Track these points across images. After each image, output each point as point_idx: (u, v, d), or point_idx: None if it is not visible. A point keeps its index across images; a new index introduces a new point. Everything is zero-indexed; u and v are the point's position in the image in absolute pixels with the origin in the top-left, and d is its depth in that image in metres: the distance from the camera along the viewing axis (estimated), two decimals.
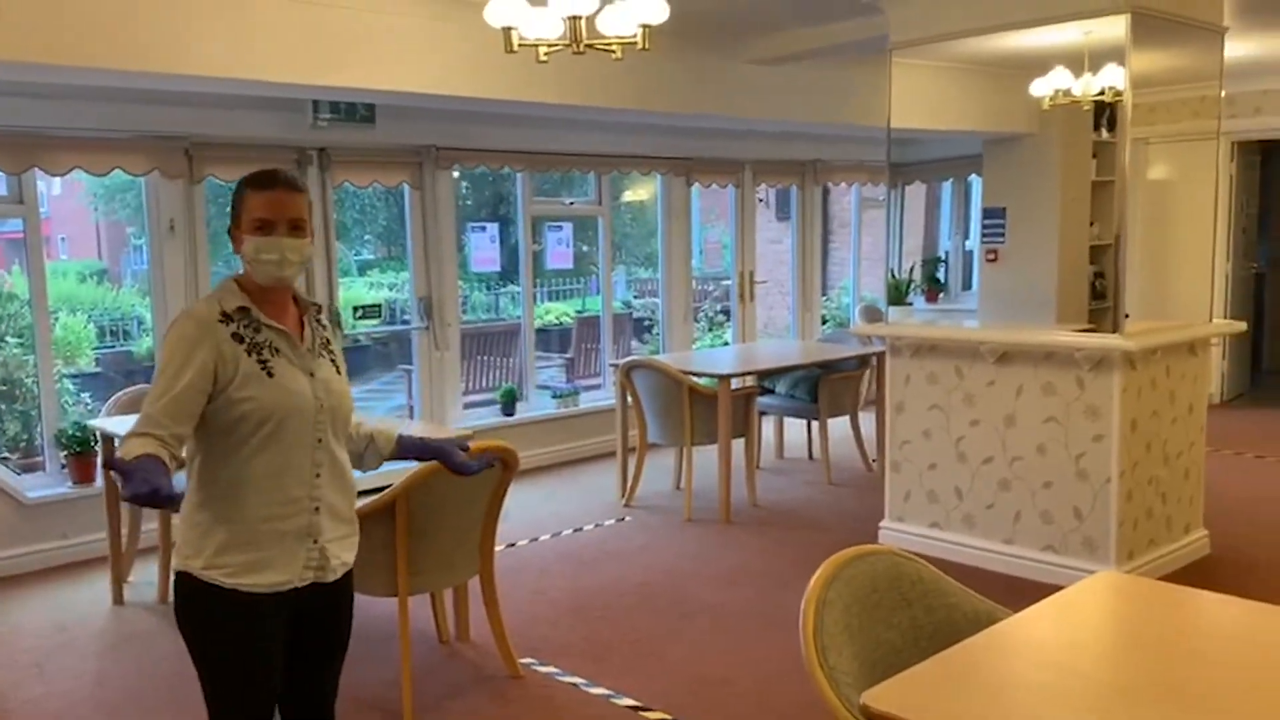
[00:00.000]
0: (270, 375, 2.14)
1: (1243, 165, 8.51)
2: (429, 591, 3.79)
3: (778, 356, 6.73)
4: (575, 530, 5.48)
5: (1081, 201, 7.47)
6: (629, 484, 5.97)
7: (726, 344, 8.98)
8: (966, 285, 9.44)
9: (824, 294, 9.83)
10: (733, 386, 5.68)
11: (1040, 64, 5.47)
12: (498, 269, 8.47)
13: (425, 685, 3.61)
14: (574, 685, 3.62)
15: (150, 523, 4.76)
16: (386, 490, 3.24)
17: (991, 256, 7.77)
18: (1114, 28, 4.27)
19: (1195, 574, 4.58)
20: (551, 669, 3.75)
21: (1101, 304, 7.52)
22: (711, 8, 5.09)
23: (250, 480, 2.13)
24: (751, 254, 8.30)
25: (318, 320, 2.33)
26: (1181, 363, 4.65)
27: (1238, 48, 6.27)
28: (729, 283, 8.52)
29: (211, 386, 2.09)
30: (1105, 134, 7.41)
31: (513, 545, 5.19)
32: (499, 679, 3.68)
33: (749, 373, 6.12)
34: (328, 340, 2.32)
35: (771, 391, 6.70)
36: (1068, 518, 4.45)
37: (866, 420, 6.84)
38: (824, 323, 9.42)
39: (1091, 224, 7.58)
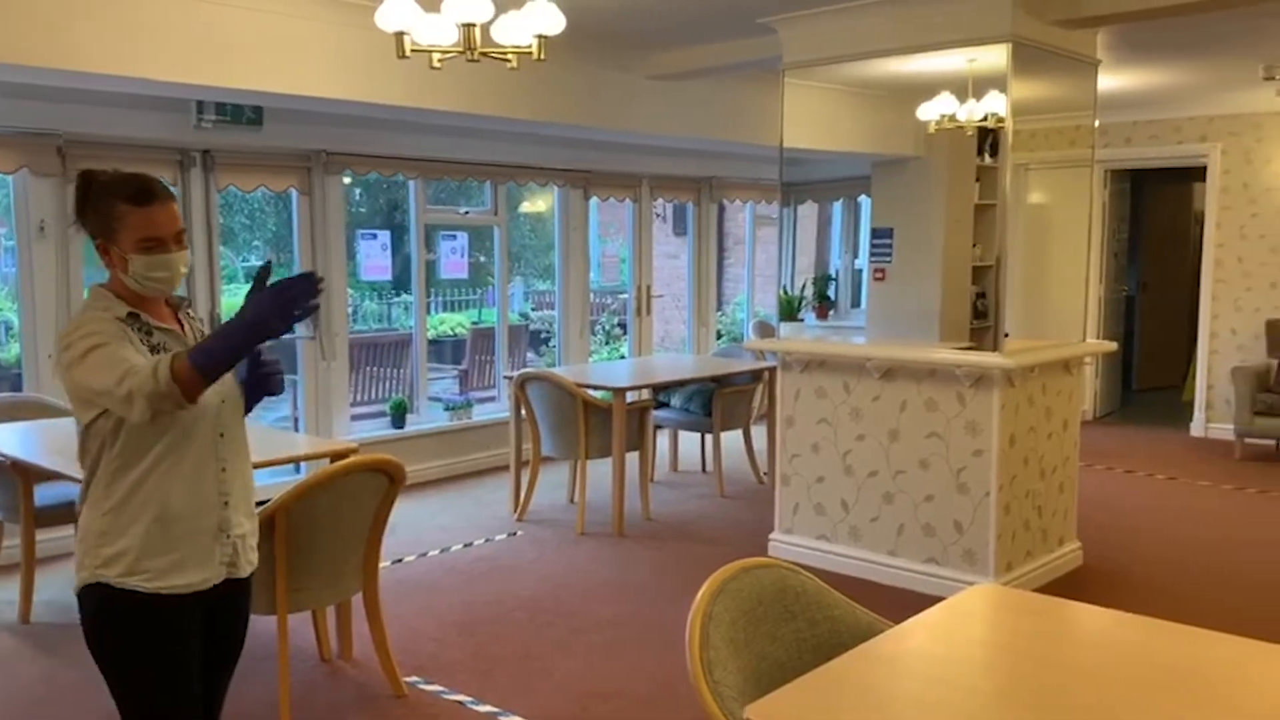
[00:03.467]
0: None
1: (1115, 192, 8.92)
2: (310, 609, 3.67)
3: (673, 370, 6.77)
4: (465, 545, 5.40)
5: (965, 223, 7.73)
6: (522, 498, 5.92)
7: (623, 357, 9.00)
8: (856, 303, 9.66)
9: (719, 309, 9.93)
10: (628, 399, 5.69)
11: (927, 89, 5.64)
12: (389, 278, 8.30)
13: (305, 706, 3.50)
14: (460, 703, 3.55)
15: (11, 539, 4.51)
16: (266, 504, 3.14)
17: (879, 275, 7.96)
18: (996, 56, 4.43)
19: (1069, 585, 4.75)
20: (437, 687, 3.67)
21: (983, 323, 7.78)
22: (609, 22, 5.11)
23: (165, 481, 2.10)
24: (649, 268, 8.34)
25: (189, 314, 2.30)
26: (1057, 380, 4.83)
27: (1111, 80, 6.59)
28: (626, 296, 8.54)
29: None
30: (988, 159, 7.68)
31: (400, 561, 5.08)
32: (382, 698, 3.59)
33: (644, 386, 6.14)
34: (203, 333, 2.28)
35: (667, 405, 6.73)
36: (949, 530, 4.57)
37: (759, 434, 6.92)
38: (719, 337, 9.52)
39: (974, 245, 7.84)
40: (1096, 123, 5.54)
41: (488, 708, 3.52)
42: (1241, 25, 5.28)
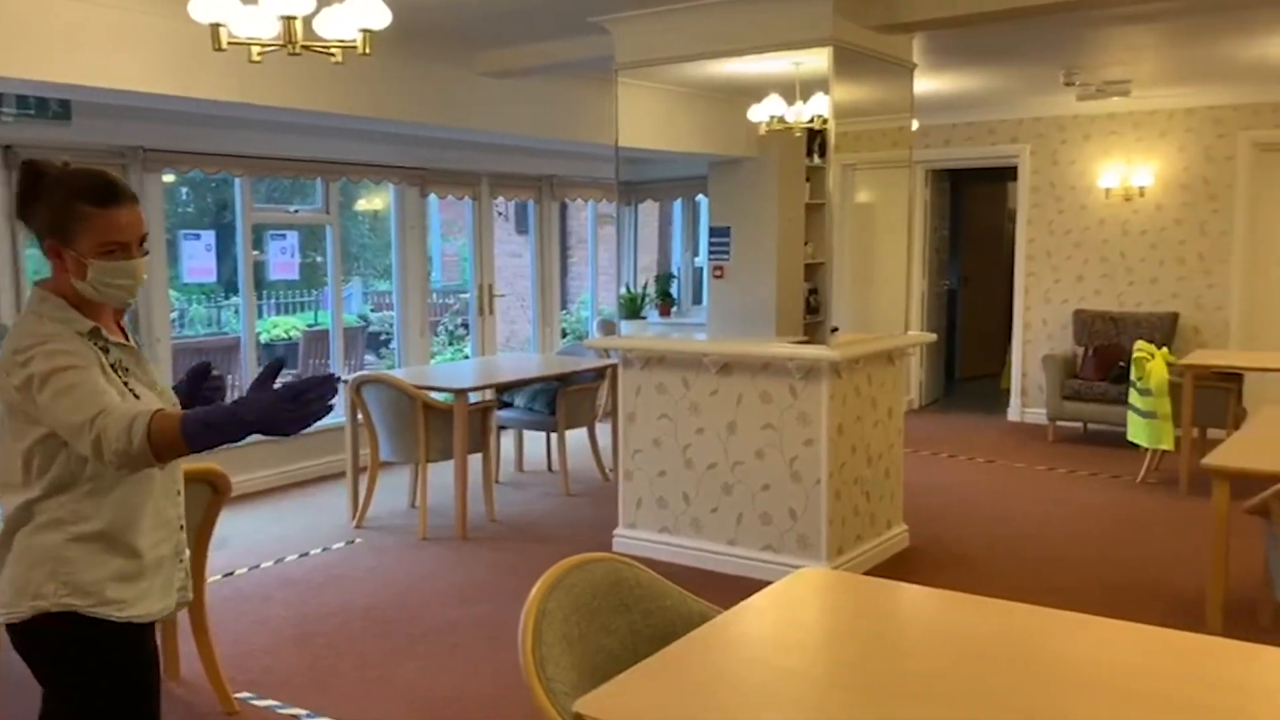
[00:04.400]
0: (136, 396, 1.98)
1: (936, 191, 9.38)
2: None
3: (516, 370, 6.73)
4: (301, 555, 5.23)
5: (797, 222, 7.99)
6: (360, 504, 5.77)
7: (467, 357, 8.88)
8: (697, 300, 9.84)
9: (564, 307, 9.95)
10: (471, 400, 5.63)
11: (757, 91, 5.80)
12: (214, 279, 7.96)
13: None
14: (295, 717, 3.44)
15: None
16: None
17: (718, 273, 8.14)
18: (819, 60, 4.59)
19: (897, 565, 4.98)
20: (271, 701, 3.55)
21: (815, 318, 8.06)
22: (438, 18, 5.04)
23: (138, 507, 2.01)
24: (490, 267, 8.27)
25: (129, 325, 2.16)
26: (881, 371, 5.05)
27: (929, 84, 6.93)
28: (468, 295, 8.45)
29: None
30: (817, 159, 7.96)
31: (231, 574, 4.87)
32: (213, 716, 3.44)
33: (487, 386, 6.08)
34: (139, 345, 2.14)
35: (510, 405, 6.69)
36: (784, 518, 4.72)
37: (604, 432, 6.96)
38: (564, 336, 9.53)
39: (806, 244, 8.11)
40: (915, 124, 5.81)
41: None
42: (1043, 35, 5.64)
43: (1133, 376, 6.47)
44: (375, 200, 11.29)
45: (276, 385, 1.86)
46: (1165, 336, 7.68)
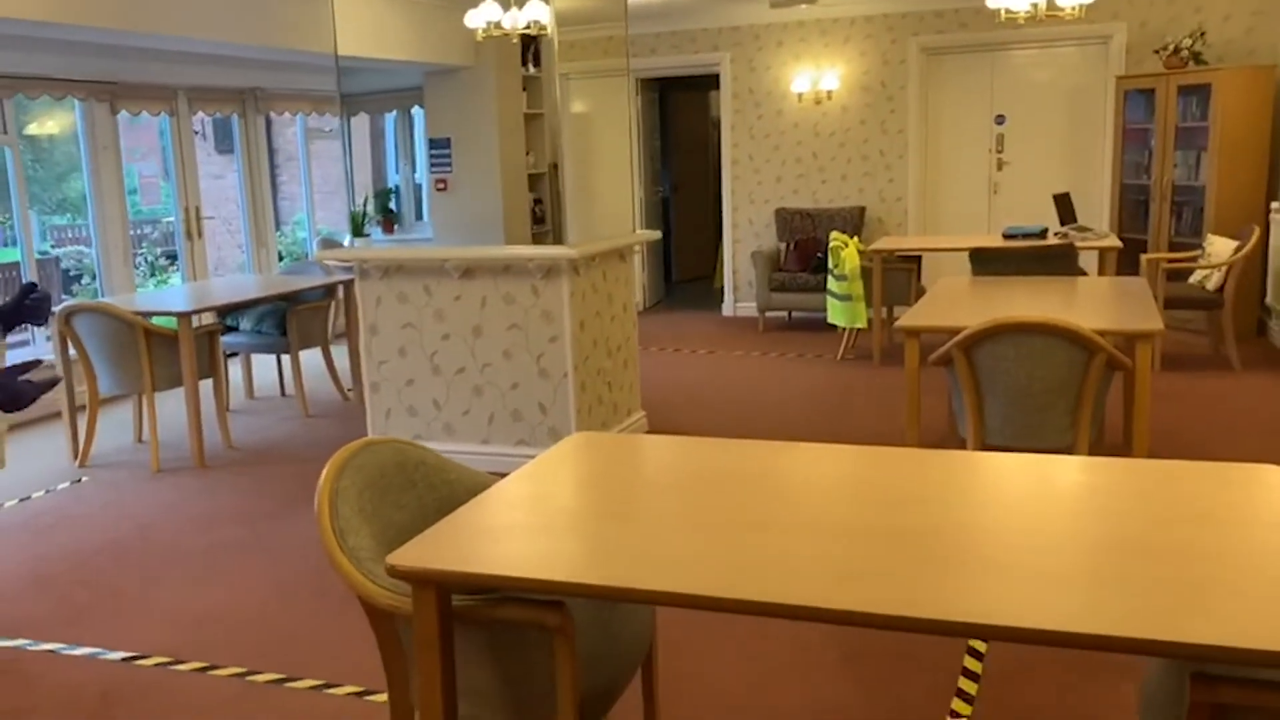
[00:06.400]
0: None
1: (646, 101, 9.74)
2: None
3: (238, 291, 6.45)
4: (22, 500, 4.87)
5: (517, 133, 8.06)
6: (82, 443, 5.41)
7: (175, 286, 8.35)
8: (419, 215, 9.72)
9: (277, 229, 9.52)
10: (193, 325, 5.37)
11: None
12: None
13: None
14: (51, 652, 3.29)
15: None
16: None
17: (441, 185, 8.10)
18: None
19: None
20: (21, 641, 3.37)
21: (541, 228, 8.24)
22: None
23: None
24: (196, 188, 7.78)
25: None
26: (615, 269, 5.32)
27: None
28: (172, 220, 7.92)
29: None
30: (532, 69, 8.04)
31: None
32: None
33: (210, 308, 5.80)
34: None
35: (236, 329, 6.43)
36: (534, 413, 4.92)
37: (339, 353, 6.85)
38: (281, 259, 9.15)
39: (528, 154, 8.22)
40: (628, 32, 6.03)
41: (85, 650, 3.30)
42: None
43: (830, 265, 7.16)
44: (47, 123, 10.22)
45: None
46: (855, 228, 8.50)
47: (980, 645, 3.10)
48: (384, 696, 2.93)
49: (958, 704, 2.80)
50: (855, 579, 1.67)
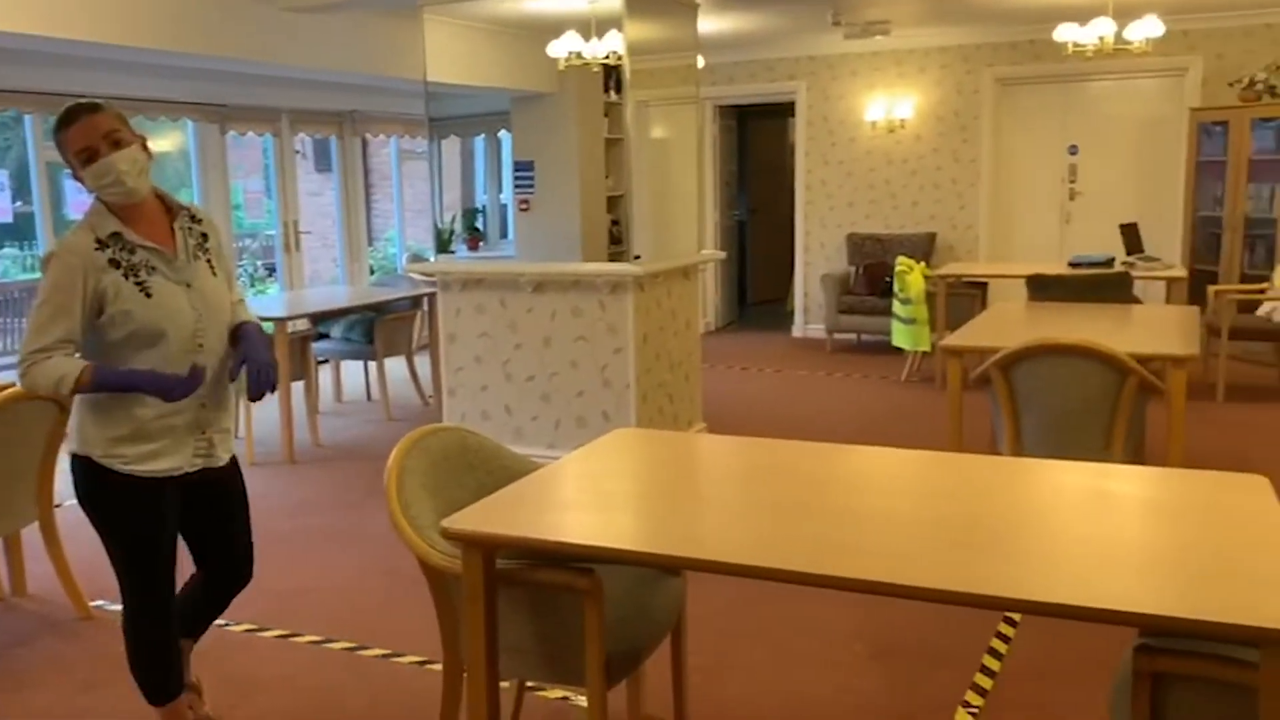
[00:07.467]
0: (149, 296, 2.36)
1: (723, 127, 10.03)
2: None
3: (331, 300, 6.90)
4: None
5: (598, 156, 8.42)
6: None
7: (272, 295, 8.89)
8: (504, 234, 10.16)
9: (370, 244, 10.04)
10: (288, 331, 5.80)
11: (556, 28, 6.17)
12: (9, 220, 7.66)
13: None
14: None
15: None
16: None
17: (524, 206, 8.49)
18: None
19: None
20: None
21: (619, 248, 8.56)
22: None
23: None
24: (295, 204, 8.31)
25: (189, 222, 2.49)
26: (679, 286, 5.60)
27: (713, 23, 7.48)
28: (273, 233, 8.45)
29: (97, 312, 2.32)
30: (614, 95, 8.40)
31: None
32: (68, 622, 3.63)
33: (304, 315, 6.25)
34: (204, 237, 2.51)
35: (327, 336, 6.87)
36: (598, 420, 5.21)
37: (422, 363, 7.25)
38: (372, 273, 9.65)
39: (607, 177, 8.57)
40: (701, 61, 6.33)
41: None
42: None
43: (895, 289, 7.32)
44: (161, 142, 10.93)
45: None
46: (925, 254, 8.64)
47: (1001, 645, 3.28)
48: (440, 666, 3.23)
49: (971, 695, 2.98)
50: (893, 557, 1.88)
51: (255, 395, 2.52)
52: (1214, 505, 2.10)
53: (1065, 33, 6.26)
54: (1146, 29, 5.99)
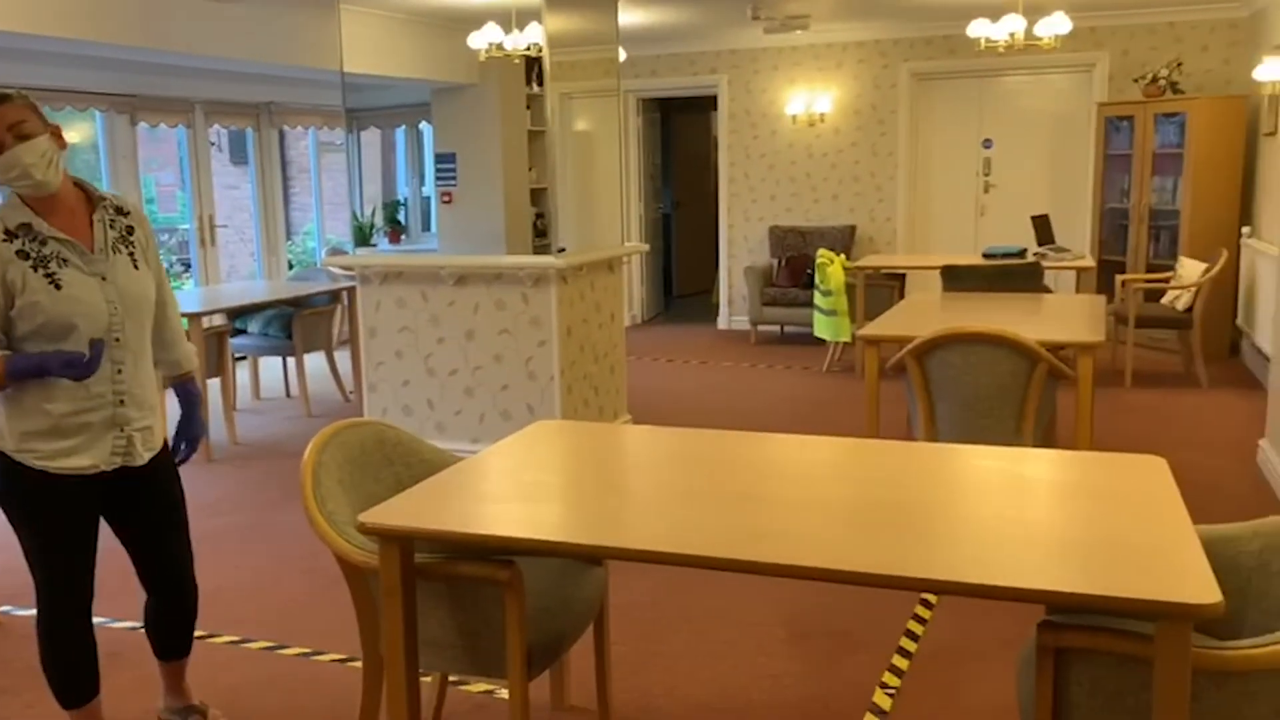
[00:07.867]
0: (58, 288, 2.31)
1: (647, 121, 10.05)
2: None
3: (249, 295, 6.75)
4: None
5: (520, 149, 8.37)
6: None
7: (187, 290, 8.67)
8: (426, 227, 10.04)
9: (288, 238, 9.85)
10: (204, 326, 5.67)
11: (477, 20, 6.11)
12: None
13: None
14: None
15: None
16: None
17: (446, 198, 8.41)
18: None
19: None
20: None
21: (543, 241, 8.49)
22: None
23: (52, 381, 2.33)
24: (210, 197, 8.11)
25: (114, 215, 2.42)
26: (603, 279, 5.60)
27: (635, 17, 7.48)
28: (188, 227, 8.25)
29: (9, 304, 2.27)
30: (536, 87, 8.34)
31: None
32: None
33: (220, 310, 6.11)
34: (129, 230, 2.43)
35: (244, 332, 6.72)
36: (523, 414, 5.20)
37: (342, 358, 7.14)
38: (290, 267, 9.47)
39: (530, 169, 8.52)
40: (623, 55, 6.33)
41: (97, 619, 3.56)
42: None
43: (816, 281, 7.42)
44: (69, 135, 10.59)
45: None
46: (845, 246, 8.77)
47: (917, 628, 3.35)
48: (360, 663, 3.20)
49: (888, 676, 3.05)
50: (810, 541, 1.92)
51: (179, 462, 2.63)
52: (1116, 486, 2.18)
53: (978, 29, 6.40)
54: (1055, 26, 6.17)
